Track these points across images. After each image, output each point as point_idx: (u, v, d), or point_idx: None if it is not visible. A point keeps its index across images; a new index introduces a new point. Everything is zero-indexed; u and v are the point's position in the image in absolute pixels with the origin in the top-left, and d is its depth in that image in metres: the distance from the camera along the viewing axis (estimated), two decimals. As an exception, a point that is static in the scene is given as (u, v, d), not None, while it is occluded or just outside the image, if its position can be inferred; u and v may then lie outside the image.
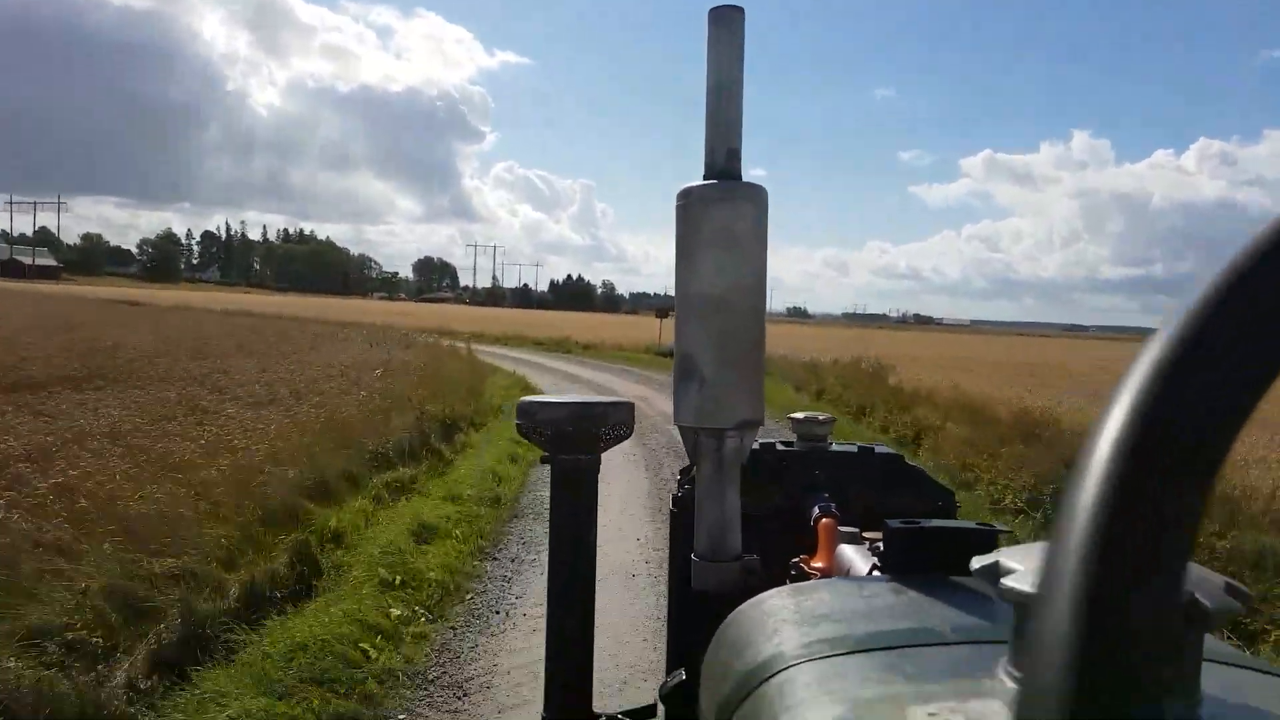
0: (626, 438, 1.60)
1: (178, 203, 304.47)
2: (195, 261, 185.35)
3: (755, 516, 1.29)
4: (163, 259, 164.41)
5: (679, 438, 1.20)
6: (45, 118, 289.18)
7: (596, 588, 1.64)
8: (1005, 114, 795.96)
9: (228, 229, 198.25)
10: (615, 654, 4.22)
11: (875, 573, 0.98)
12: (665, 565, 1.78)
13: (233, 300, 58.63)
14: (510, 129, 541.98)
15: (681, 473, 1.65)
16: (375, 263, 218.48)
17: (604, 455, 1.60)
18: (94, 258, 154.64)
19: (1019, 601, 0.51)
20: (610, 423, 1.55)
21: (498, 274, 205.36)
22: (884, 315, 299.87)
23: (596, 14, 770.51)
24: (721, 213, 1.13)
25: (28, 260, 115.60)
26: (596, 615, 1.64)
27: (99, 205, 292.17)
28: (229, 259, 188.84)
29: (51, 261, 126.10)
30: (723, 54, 1.14)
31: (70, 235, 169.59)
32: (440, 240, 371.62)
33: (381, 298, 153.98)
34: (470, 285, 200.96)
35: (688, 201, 1.15)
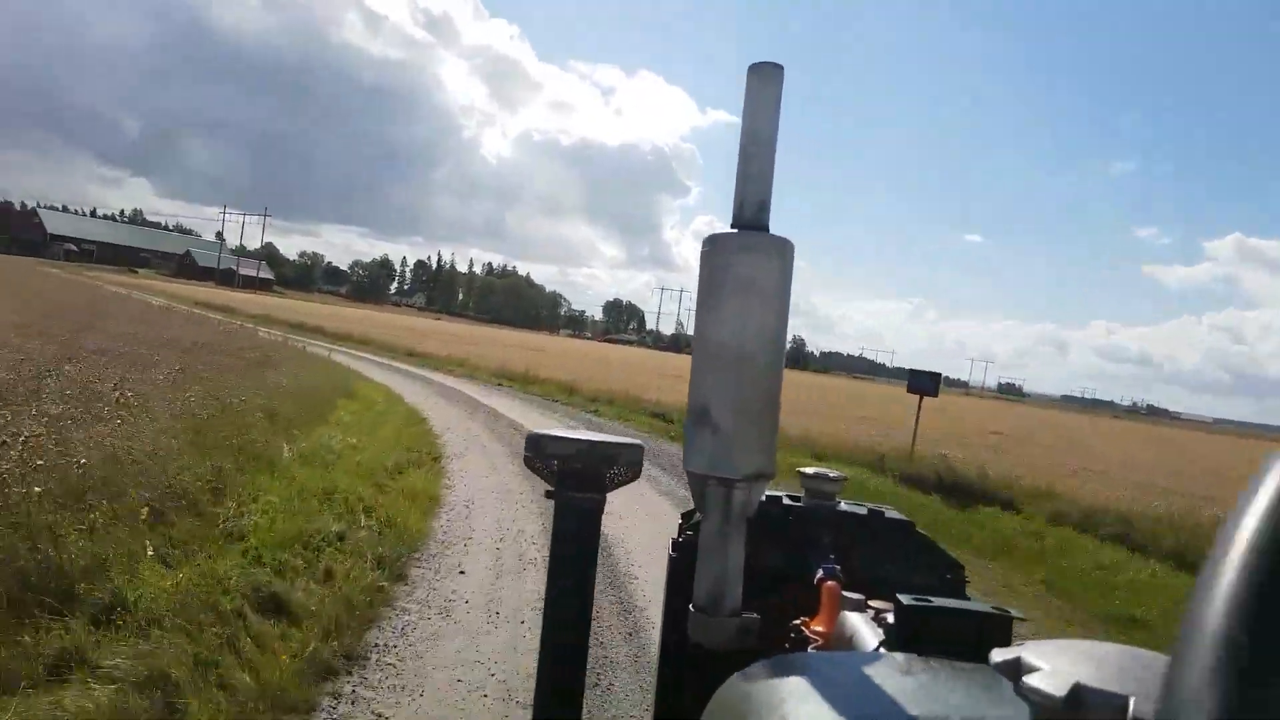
0: (634, 480, 1.52)
1: (411, 236, 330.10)
2: (406, 287, 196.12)
3: (756, 571, 1.24)
4: (372, 281, 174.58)
5: None
6: (306, 152, 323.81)
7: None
8: (1258, 196, 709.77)
9: (439, 259, 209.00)
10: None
11: (882, 648, 0.97)
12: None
13: (381, 320, 57.25)
14: (715, 184, 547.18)
15: (683, 517, 1.65)
16: (566, 300, 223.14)
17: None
18: (310, 274, 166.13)
19: (1040, 703, 0.49)
20: (620, 463, 1.50)
21: (683, 320, 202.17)
22: (1110, 402, 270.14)
23: (804, 76, 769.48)
24: (746, 263, 1.13)
25: (248, 272, 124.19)
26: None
27: (344, 234, 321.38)
28: (436, 287, 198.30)
29: (268, 275, 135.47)
30: (760, 108, 1.14)
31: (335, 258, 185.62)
32: (636, 286, 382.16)
33: (569, 334, 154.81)
34: (655, 329, 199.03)
35: (713, 249, 1.15)
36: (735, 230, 1.14)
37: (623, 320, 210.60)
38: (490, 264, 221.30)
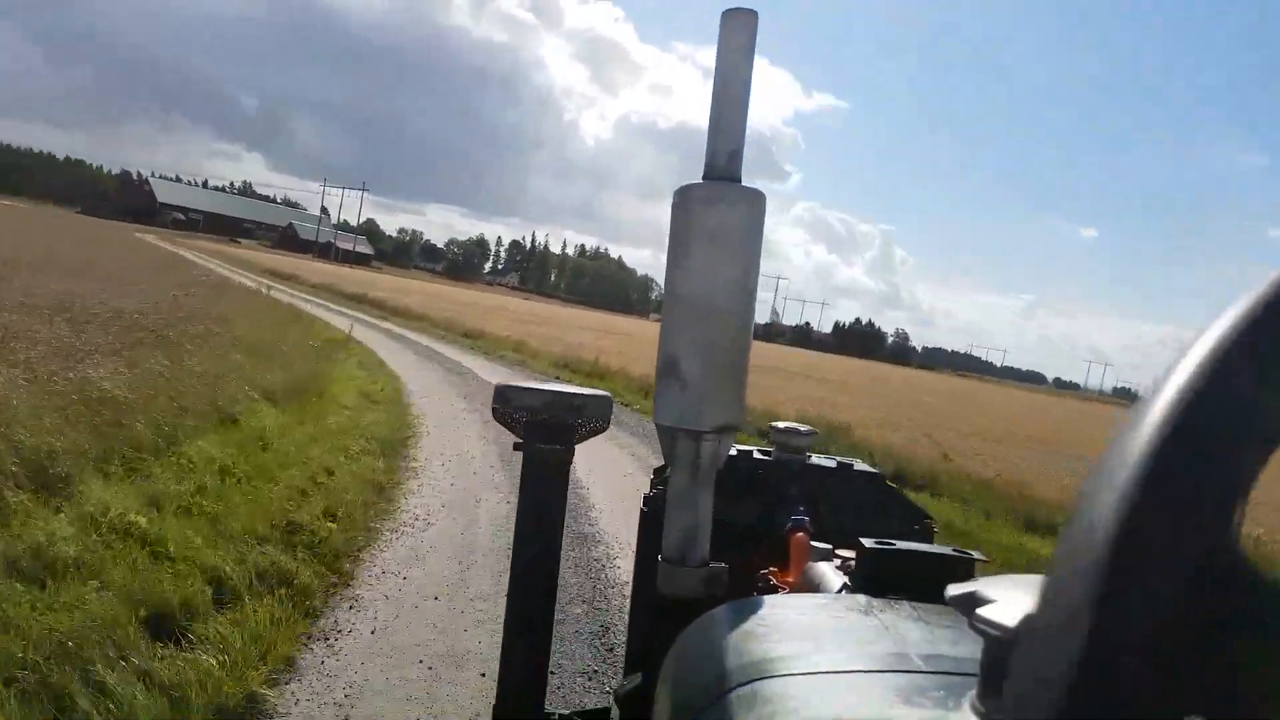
0: (602, 431, 1.54)
1: (509, 216, 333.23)
2: (500, 267, 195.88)
3: (726, 524, 1.25)
4: (467, 259, 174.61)
5: None
6: (413, 131, 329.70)
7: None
8: None
9: (533, 240, 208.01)
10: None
11: (845, 591, 0.98)
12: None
13: (468, 297, 54.31)
14: (815, 170, 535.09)
15: (655, 472, 1.65)
16: (658, 284, 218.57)
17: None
18: (407, 251, 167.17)
19: (993, 634, 0.49)
20: (587, 414, 1.50)
21: (778, 308, 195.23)
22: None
23: (916, 61, 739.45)
24: (716, 214, 1.12)
25: (346, 246, 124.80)
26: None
27: (446, 213, 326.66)
28: (528, 267, 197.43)
29: (367, 249, 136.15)
30: (732, 56, 1.12)
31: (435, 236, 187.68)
32: None
33: (658, 319, 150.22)
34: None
35: (684, 200, 1.14)
36: (705, 181, 1.13)
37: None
38: (583, 245, 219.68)
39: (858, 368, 52.84)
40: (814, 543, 1.22)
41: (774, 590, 1.23)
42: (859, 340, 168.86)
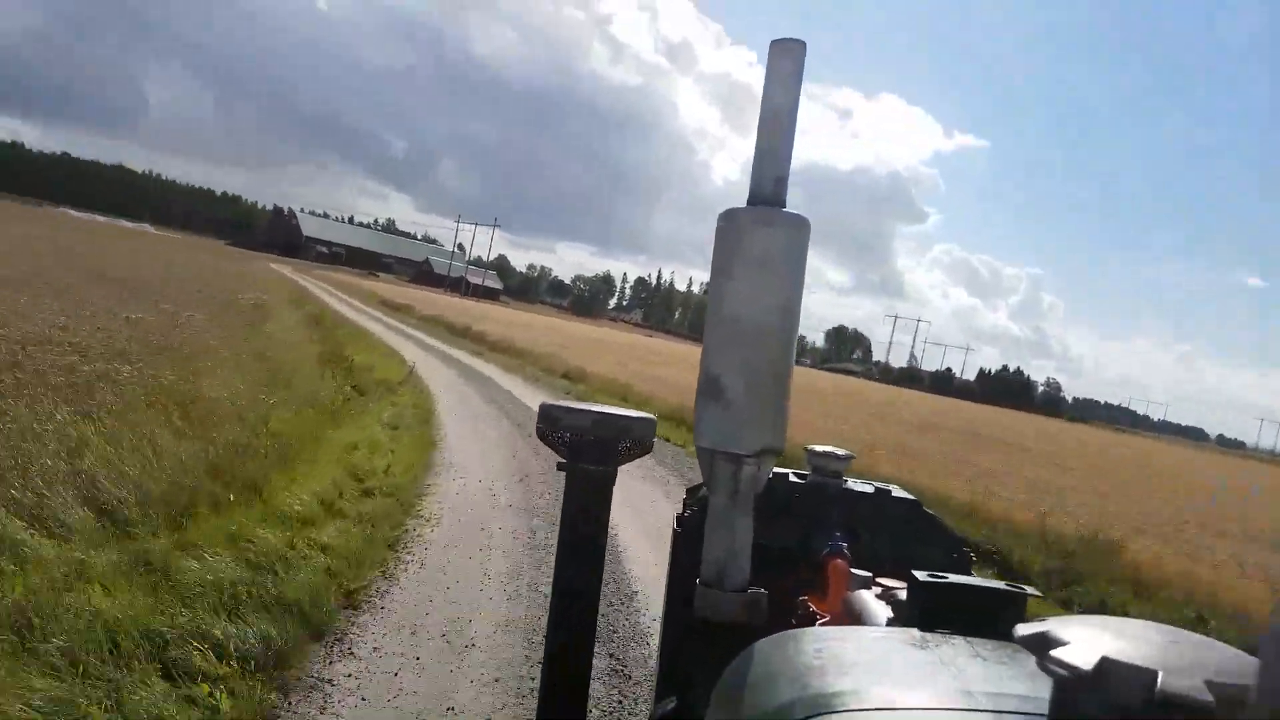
0: (646, 453, 1.50)
1: (636, 254, 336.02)
2: (624, 303, 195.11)
3: (762, 547, 1.22)
4: (592, 295, 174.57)
5: None
6: (547, 171, 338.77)
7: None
8: None
9: (658, 276, 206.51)
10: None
11: (892, 624, 0.96)
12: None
13: (600, 335, 51.66)
14: (956, 211, 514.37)
15: (688, 492, 1.68)
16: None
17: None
18: (535, 286, 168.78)
19: (1067, 676, 0.49)
20: (632, 436, 1.48)
21: (917, 352, 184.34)
22: None
23: (1062, 99, 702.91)
24: (761, 238, 1.13)
25: (476, 280, 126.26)
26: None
27: (575, 251, 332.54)
28: (652, 304, 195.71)
29: (496, 284, 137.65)
30: (780, 84, 1.15)
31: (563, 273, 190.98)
32: (861, 314, 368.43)
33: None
34: (883, 361, 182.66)
35: (729, 224, 1.16)
36: (753, 206, 1.15)
37: (845, 348, 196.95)
38: (706, 282, 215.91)
39: (1019, 420, 46.48)
40: (854, 570, 1.20)
41: (813, 618, 1.20)
42: (1005, 388, 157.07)
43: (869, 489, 1.54)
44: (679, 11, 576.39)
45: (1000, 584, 0.88)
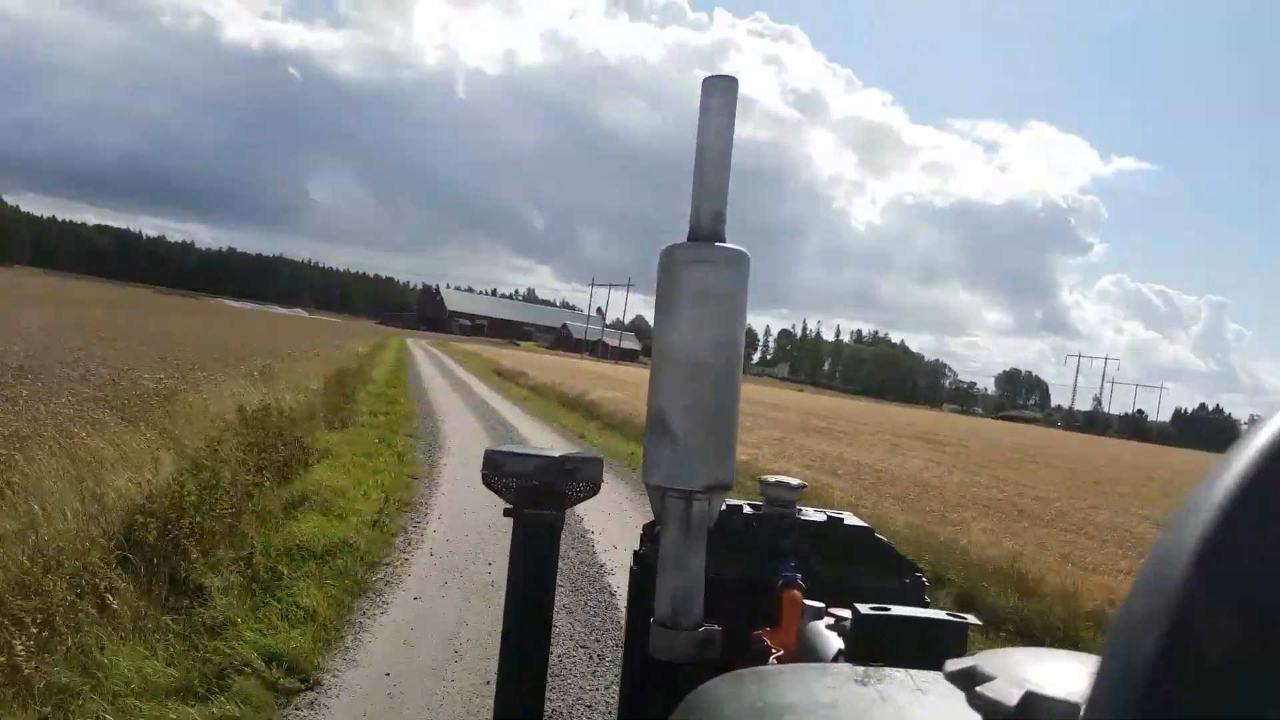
0: (593, 495, 1.54)
1: (777, 308, 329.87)
2: (768, 357, 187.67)
3: (716, 581, 1.25)
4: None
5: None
6: (681, 233, 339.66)
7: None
8: None
9: (803, 327, 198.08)
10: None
11: (841, 658, 0.97)
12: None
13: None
14: (1122, 239, 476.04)
15: (645, 529, 1.61)
16: (951, 370, 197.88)
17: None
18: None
19: (992, 712, 0.49)
20: (579, 478, 1.49)
21: (1100, 395, 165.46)
22: None
23: (1235, 112, 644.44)
24: (702, 273, 1.16)
25: (614, 343, 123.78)
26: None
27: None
28: (799, 356, 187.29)
29: (634, 345, 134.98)
30: (714, 121, 1.18)
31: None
32: (1027, 355, 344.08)
33: (953, 410, 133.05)
34: (1065, 405, 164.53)
35: (670, 260, 1.20)
36: (692, 242, 1.19)
37: (1019, 394, 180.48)
38: (859, 331, 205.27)
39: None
40: (806, 600, 1.17)
41: (767, 653, 1.20)
42: (1205, 429, 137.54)
43: (821, 518, 1.55)
44: (806, 61, 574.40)
45: (941, 613, 0.90)
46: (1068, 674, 0.53)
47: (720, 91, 1.16)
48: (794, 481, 1.55)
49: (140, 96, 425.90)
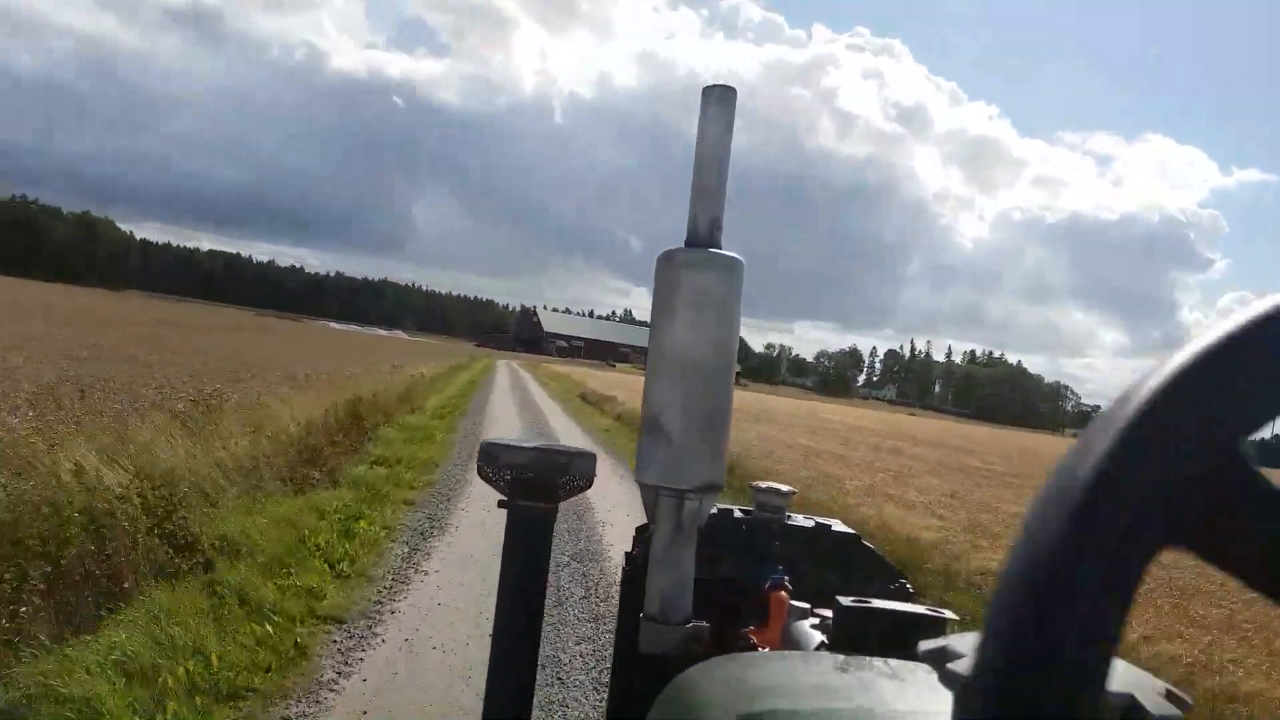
0: (586, 489, 1.52)
1: (881, 329, 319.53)
2: (875, 379, 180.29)
3: (707, 581, 1.29)
4: (839, 373, 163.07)
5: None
6: (781, 253, 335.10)
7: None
8: None
9: (911, 348, 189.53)
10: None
11: (823, 649, 0.99)
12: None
13: (856, 416, 41.60)
14: (1245, 255, 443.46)
15: (638, 530, 1.64)
16: (1072, 393, 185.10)
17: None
18: (775, 366, 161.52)
19: (961, 686, 0.53)
20: (572, 473, 1.49)
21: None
22: None
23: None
24: (698, 278, 1.18)
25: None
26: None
27: (816, 329, 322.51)
28: (908, 378, 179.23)
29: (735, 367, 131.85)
30: (713, 129, 1.21)
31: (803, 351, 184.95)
32: None
33: (1074, 435, 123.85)
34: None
35: (668, 265, 1.22)
36: (689, 248, 1.21)
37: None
38: (972, 352, 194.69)
39: None
40: (793, 601, 1.21)
41: (753, 649, 1.22)
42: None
43: (809, 524, 1.57)
44: (908, 75, 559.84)
45: (921, 608, 0.93)
46: None
47: (719, 100, 1.20)
48: (784, 488, 1.57)
49: (252, 126, 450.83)
